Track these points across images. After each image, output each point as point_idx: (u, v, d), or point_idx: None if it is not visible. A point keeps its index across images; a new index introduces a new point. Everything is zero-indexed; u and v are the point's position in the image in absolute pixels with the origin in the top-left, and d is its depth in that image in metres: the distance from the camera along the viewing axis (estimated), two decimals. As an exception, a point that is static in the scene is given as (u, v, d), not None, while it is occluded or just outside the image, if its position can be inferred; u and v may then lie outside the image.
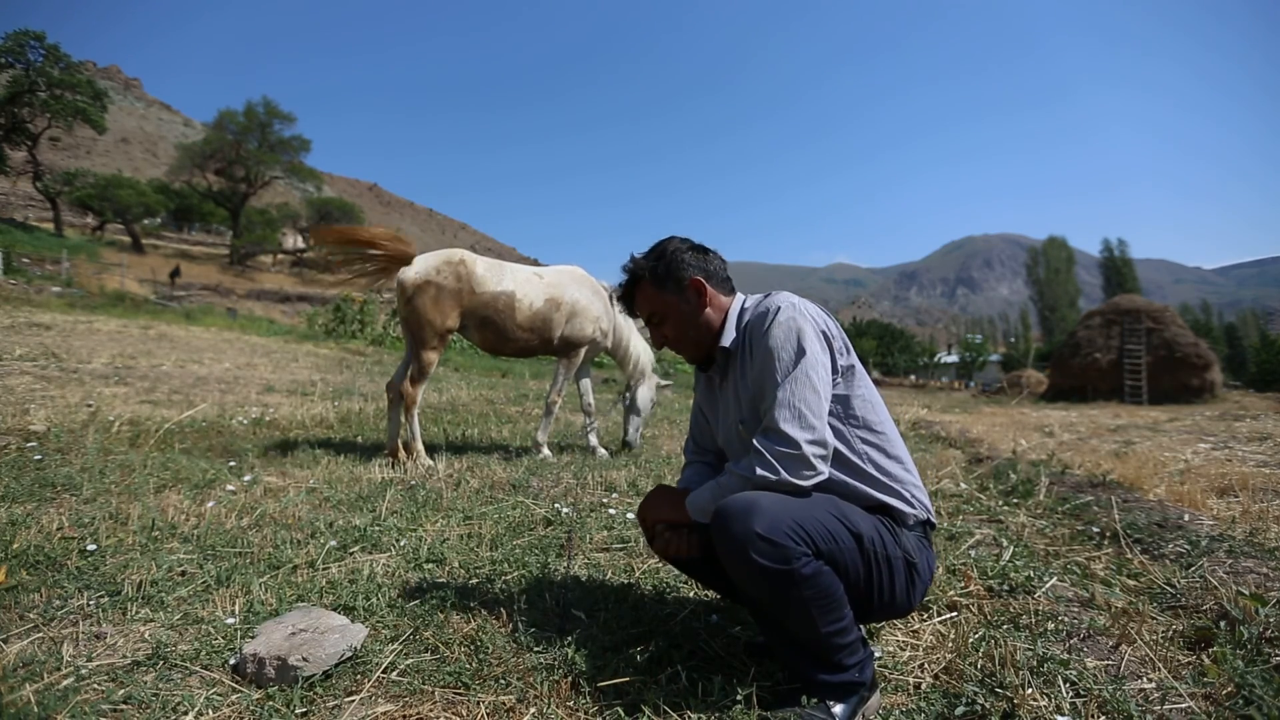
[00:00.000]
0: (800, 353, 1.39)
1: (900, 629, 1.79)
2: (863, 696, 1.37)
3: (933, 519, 1.54)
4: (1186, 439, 6.51)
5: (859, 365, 1.52)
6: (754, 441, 1.39)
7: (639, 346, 5.10)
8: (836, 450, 1.43)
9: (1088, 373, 17.75)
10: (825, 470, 1.38)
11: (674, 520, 1.54)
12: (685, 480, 1.72)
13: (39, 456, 3.42)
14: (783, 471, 1.34)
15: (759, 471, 1.35)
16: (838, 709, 1.32)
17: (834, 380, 1.45)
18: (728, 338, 1.54)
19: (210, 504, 2.75)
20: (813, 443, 1.35)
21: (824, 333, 1.46)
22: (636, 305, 1.63)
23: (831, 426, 1.41)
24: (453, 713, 1.37)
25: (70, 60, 32.49)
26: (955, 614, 1.87)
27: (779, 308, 1.45)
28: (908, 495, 1.49)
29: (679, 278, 1.56)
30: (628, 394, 5.04)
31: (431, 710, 1.37)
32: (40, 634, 1.61)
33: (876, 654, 1.56)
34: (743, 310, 1.57)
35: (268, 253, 49.78)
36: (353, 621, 1.65)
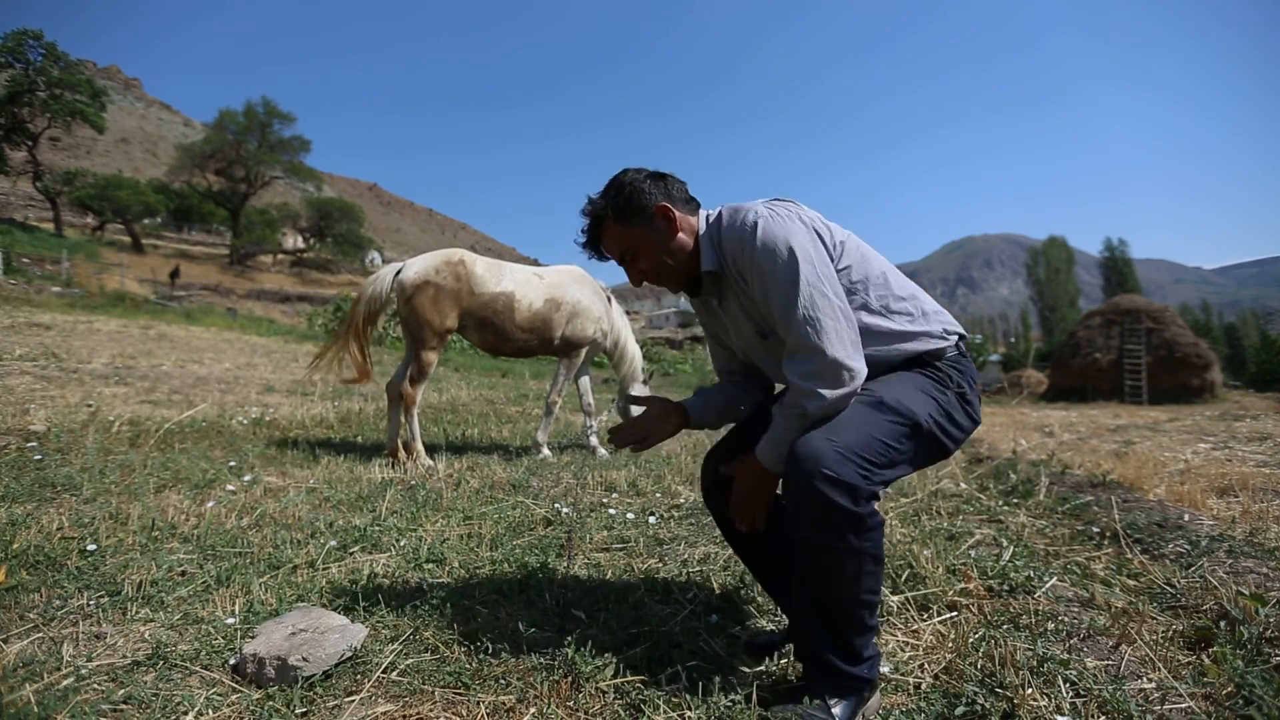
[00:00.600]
0: (796, 262, 1.35)
1: (900, 629, 1.79)
2: (863, 697, 1.37)
3: (962, 332, 1.54)
4: (1186, 439, 6.51)
5: (848, 236, 1.50)
6: (789, 373, 1.37)
7: (634, 347, 5.13)
8: (860, 323, 1.41)
9: (1088, 373, 17.75)
10: (863, 364, 1.36)
11: (769, 492, 1.49)
12: (709, 394, 1.71)
13: (39, 456, 3.42)
14: (830, 391, 1.32)
15: (811, 406, 1.33)
16: (838, 709, 1.32)
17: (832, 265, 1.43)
18: (706, 260, 1.51)
19: (210, 504, 2.75)
20: (846, 345, 1.34)
21: (810, 227, 1.44)
22: (604, 246, 1.56)
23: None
24: (453, 713, 1.37)
25: (69, 60, 32.52)
26: (955, 614, 1.86)
27: (754, 224, 1.40)
28: (936, 330, 1.49)
29: (643, 207, 1.50)
30: (622, 402, 5.06)
31: (431, 710, 1.37)
32: (40, 634, 1.61)
33: (885, 669, 1.55)
34: (711, 227, 1.53)
35: (268, 253, 49.82)
36: (353, 621, 1.65)
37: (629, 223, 1.51)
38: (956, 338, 1.52)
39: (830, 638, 1.33)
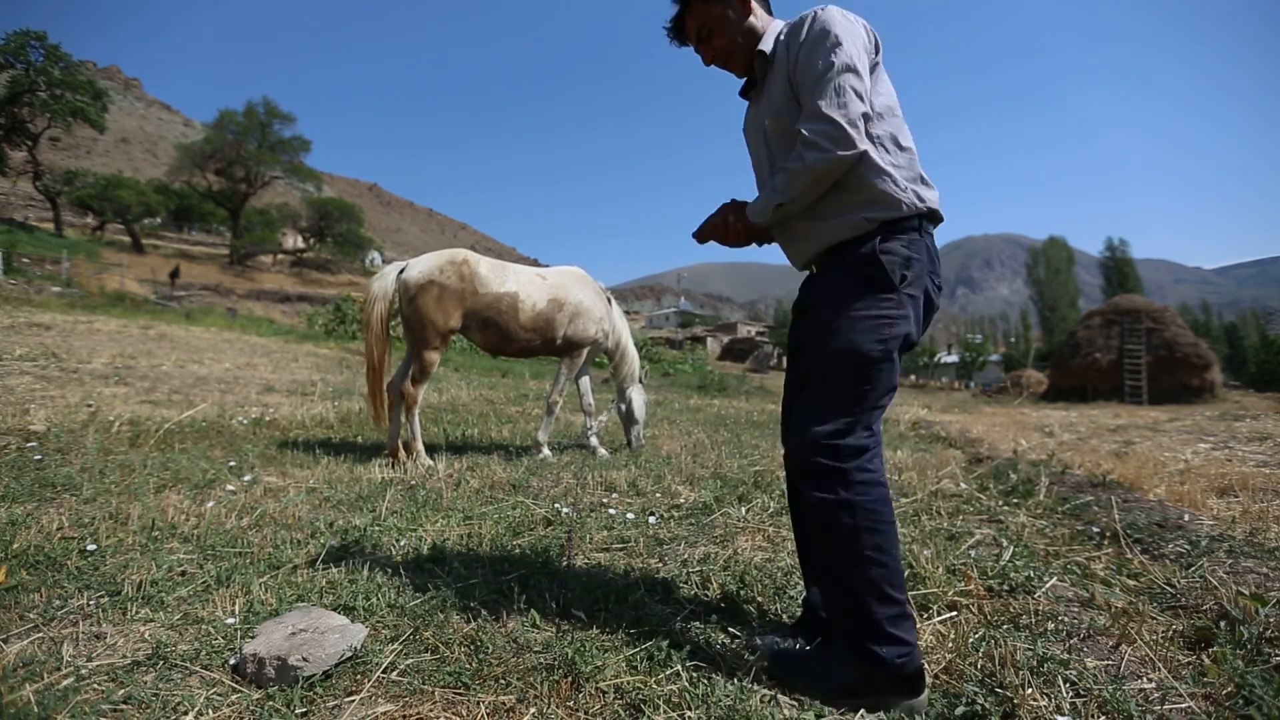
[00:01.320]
0: (842, 40, 1.46)
1: (900, 629, 1.79)
2: (874, 680, 1.37)
3: (934, 208, 1.55)
4: (1186, 439, 6.51)
5: (881, 67, 1.59)
6: (804, 129, 1.46)
7: (633, 349, 5.19)
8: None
9: (1088, 373, 17.77)
10: (866, 143, 1.45)
11: (744, 232, 1.67)
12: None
13: (39, 456, 3.42)
14: (833, 152, 1.43)
15: (811, 157, 1.44)
16: (839, 673, 1.36)
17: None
18: (766, 41, 1.65)
19: (210, 504, 2.75)
20: (859, 122, 1.44)
21: (869, 37, 1.54)
22: (686, 27, 1.74)
23: None
24: (453, 713, 1.37)
25: (70, 60, 32.47)
26: (955, 614, 1.87)
27: (826, 5, 1.54)
28: (905, 193, 1.49)
29: None
30: (622, 403, 5.08)
31: (431, 710, 1.37)
32: (40, 634, 1.61)
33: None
34: (783, 28, 1.66)
35: (268, 253, 49.80)
36: (353, 621, 1.65)
37: (710, 2, 1.69)
38: (923, 214, 1.52)
39: (849, 603, 1.40)
